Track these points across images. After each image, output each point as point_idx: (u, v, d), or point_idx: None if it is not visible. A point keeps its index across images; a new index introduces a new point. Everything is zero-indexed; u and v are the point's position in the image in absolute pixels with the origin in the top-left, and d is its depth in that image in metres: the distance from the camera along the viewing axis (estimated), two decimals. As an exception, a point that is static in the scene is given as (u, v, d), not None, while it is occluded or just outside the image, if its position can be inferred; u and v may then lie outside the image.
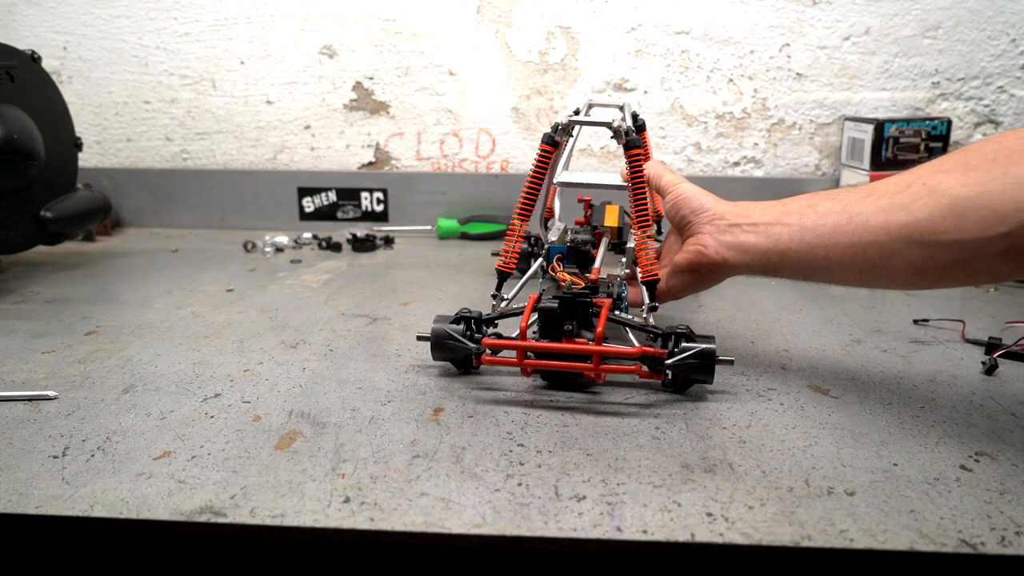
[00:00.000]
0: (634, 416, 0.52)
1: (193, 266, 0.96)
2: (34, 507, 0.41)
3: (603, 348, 0.52)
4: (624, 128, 0.60)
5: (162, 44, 1.14)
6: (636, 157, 0.59)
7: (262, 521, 0.40)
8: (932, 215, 0.47)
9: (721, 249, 0.58)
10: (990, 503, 0.41)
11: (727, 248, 0.58)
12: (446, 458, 0.46)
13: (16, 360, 0.62)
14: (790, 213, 0.56)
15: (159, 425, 0.51)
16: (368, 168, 1.17)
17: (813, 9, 1.05)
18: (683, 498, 0.42)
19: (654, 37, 1.08)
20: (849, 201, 0.52)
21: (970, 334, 0.69)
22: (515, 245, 0.63)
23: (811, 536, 0.39)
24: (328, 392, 0.56)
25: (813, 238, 0.53)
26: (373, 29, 1.11)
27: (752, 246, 0.57)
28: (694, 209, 0.60)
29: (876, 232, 0.50)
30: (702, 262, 0.59)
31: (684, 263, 0.60)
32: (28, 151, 0.84)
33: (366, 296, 0.82)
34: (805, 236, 0.54)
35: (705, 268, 0.59)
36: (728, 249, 0.58)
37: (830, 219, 0.53)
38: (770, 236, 0.56)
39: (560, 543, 0.39)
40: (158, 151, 1.19)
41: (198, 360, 0.63)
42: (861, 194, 0.52)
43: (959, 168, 0.47)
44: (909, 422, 0.52)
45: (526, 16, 1.09)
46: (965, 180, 0.46)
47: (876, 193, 0.51)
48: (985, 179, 0.45)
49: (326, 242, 1.07)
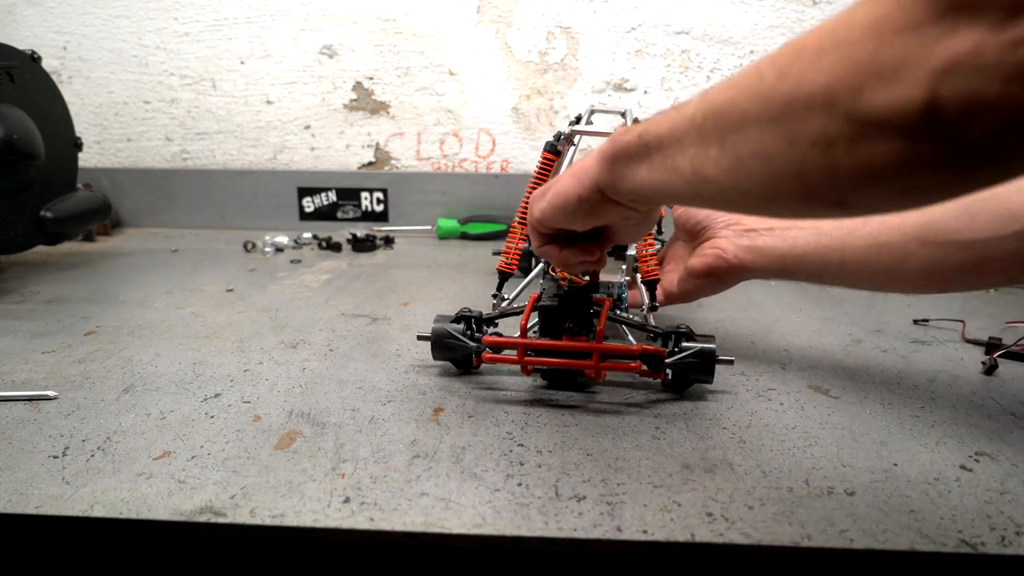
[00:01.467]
0: (634, 416, 0.52)
1: (193, 266, 0.96)
2: (34, 507, 0.41)
3: (603, 346, 0.52)
4: None
5: (162, 44, 1.14)
6: None
7: (262, 521, 0.40)
8: (946, 214, 0.47)
9: (739, 252, 0.59)
10: (990, 503, 0.41)
11: (745, 251, 0.59)
12: (446, 458, 0.46)
13: (16, 360, 0.62)
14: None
15: (159, 425, 0.51)
16: (368, 168, 1.17)
17: (813, 9, 1.05)
18: (683, 498, 0.42)
19: (654, 37, 1.08)
20: None
21: (970, 334, 0.69)
22: (517, 245, 0.64)
23: (811, 536, 0.39)
24: (328, 392, 0.56)
25: (829, 240, 0.54)
26: (373, 29, 1.11)
27: (769, 249, 0.58)
28: (708, 214, 0.62)
29: (891, 233, 0.50)
30: (720, 265, 0.60)
31: (701, 267, 0.61)
32: (28, 151, 0.84)
33: (366, 296, 0.82)
34: (821, 239, 0.55)
35: (723, 271, 0.60)
36: (746, 252, 0.59)
37: (846, 221, 0.53)
38: (786, 239, 0.57)
39: (560, 543, 0.39)
40: (158, 151, 1.19)
41: (198, 360, 0.63)
42: None
43: None
44: (909, 422, 0.52)
45: (526, 16, 1.09)
46: None
47: None
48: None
49: (326, 242, 1.07)
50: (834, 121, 0.26)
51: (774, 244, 0.57)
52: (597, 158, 0.41)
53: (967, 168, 0.25)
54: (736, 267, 0.59)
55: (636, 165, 0.38)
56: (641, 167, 0.38)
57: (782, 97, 0.28)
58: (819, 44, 0.27)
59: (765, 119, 0.29)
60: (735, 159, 0.31)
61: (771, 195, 0.31)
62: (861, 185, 0.27)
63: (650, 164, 0.37)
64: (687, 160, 0.34)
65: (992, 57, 0.22)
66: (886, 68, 0.24)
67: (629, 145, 0.38)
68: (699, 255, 0.62)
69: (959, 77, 0.23)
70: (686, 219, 0.63)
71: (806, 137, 0.27)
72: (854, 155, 0.26)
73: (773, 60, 0.29)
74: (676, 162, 0.35)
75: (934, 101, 0.23)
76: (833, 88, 0.26)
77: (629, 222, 0.45)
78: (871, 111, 0.25)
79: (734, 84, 0.31)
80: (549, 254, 0.49)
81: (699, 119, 0.33)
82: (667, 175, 0.36)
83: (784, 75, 0.28)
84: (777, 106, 0.28)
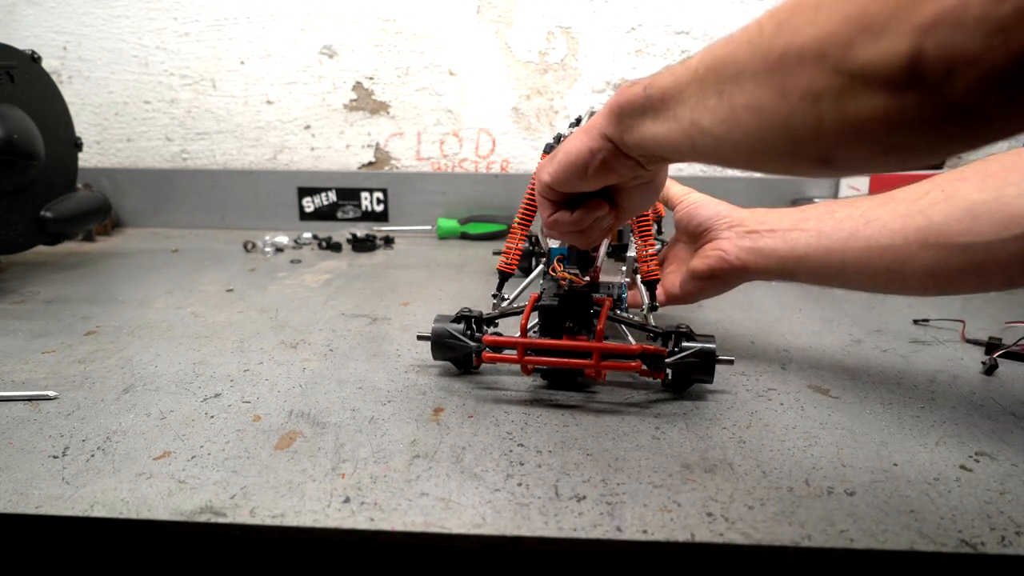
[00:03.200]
0: (634, 416, 0.52)
1: (193, 266, 0.96)
2: (34, 507, 0.41)
3: (604, 345, 0.52)
4: None
5: (162, 44, 1.14)
6: None
7: (262, 521, 0.40)
8: (948, 218, 0.48)
9: (741, 254, 0.59)
10: (990, 503, 0.41)
11: (747, 253, 0.59)
12: (446, 458, 0.46)
13: (16, 360, 0.62)
14: (808, 219, 0.57)
15: (159, 425, 0.51)
16: (368, 168, 1.17)
17: (813, 9, 1.05)
18: (683, 498, 0.42)
19: (654, 37, 1.08)
20: (867, 207, 0.54)
21: (970, 334, 0.69)
22: (517, 245, 0.63)
23: (811, 536, 0.39)
24: (328, 392, 0.56)
25: (830, 242, 0.54)
26: (373, 29, 1.11)
27: (771, 251, 0.58)
28: (710, 216, 0.62)
29: (893, 236, 0.50)
30: (723, 267, 0.60)
31: (704, 269, 0.61)
32: (28, 151, 0.84)
33: (366, 296, 0.82)
34: (822, 241, 0.55)
35: (725, 273, 0.60)
36: (748, 254, 0.59)
37: (847, 224, 0.54)
38: (788, 241, 0.57)
39: (560, 543, 0.39)
40: (158, 151, 1.19)
41: (198, 360, 0.63)
42: (880, 200, 0.53)
43: (978, 175, 0.48)
44: (909, 422, 0.52)
45: (526, 16, 1.09)
46: (983, 186, 0.47)
47: (895, 199, 0.52)
48: (1003, 184, 0.46)
49: (326, 242, 1.07)
50: (823, 74, 0.27)
51: (775, 246, 0.58)
52: (604, 112, 0.41)
53: (950, 125, 0.25)
54: (738, 269, 0.60)
55: (641, 118, 0.39)
56: (646, 120, 0.38)
57: (777, 50, 0.29)
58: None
59: (761, 71, 0.30)
60: (730, 110, 0.32)
61: (759, 148, 0.32)
62: (846, 140, 0.27)
63: (655, 117, 0.38)
64: (687, 111, 0.35)
65: (976, 11, 0.22)
66: (876, 22, 0.25)
67: (635, 98, 0.38)
68: (701, 257, 0.62)
69: (943, 31, 0.23)
70: (688, 220, 0.64)
71: (796, 90, 0.28)
72: (840, 109, 0.27)
73: (773, 14, 0.30)
74: (677, 113, 0.36)
75: (918, 55, 0.24)
76: (824, 41, 0.26)
77: (638, 182, 0.45)
78: (857, 64, 0.25)
79: (735, 38, 0.32)
80: (560, 221, 0.47)
81: (700, 71, 0.34)
82: (668, 126, 0.37)
83: (781, 29, 0.29)
84: (772, 59, 0.29)
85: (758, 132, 0.31)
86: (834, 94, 0.27)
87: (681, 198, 0.65)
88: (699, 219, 0.63)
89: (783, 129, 0.29)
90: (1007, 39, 0.22)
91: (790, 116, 0.29)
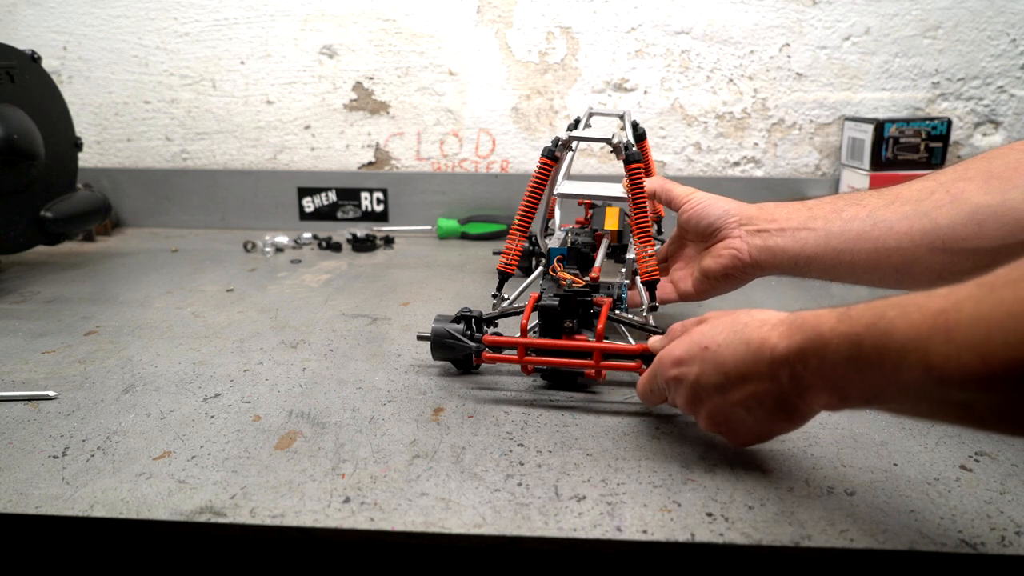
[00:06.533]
0: (634, 416, 0.52)
1: (193, 266, 0.96)
2: (34, 507, 0.41)
3: (604, 345, 0.52)
4: (623, 143, 0.60)
5: (162, 44, 1.14)
6: (636, 171, 0.60)
7: (262, 521, 0.40)
8: (954, 222, 0.48)
9: (753, 252, 0.60)
10: (990, 503, 0.41)
11: (759, 251, 0.59)
12: (446, 458, 0.46)
13: (16, 360, 0.62)
14: (815, 218, 0.57)
15: (159, 425, 0.51)
16: (368, 168, 1.17)
17: (813, 9, 1.05)
18: (683, 498, 0.42)
19: (654, 37, 1.08)
20: (874, 207, 0.54)
21: (970, 334, 0.69)
22: (517, 245, 0.63)
23: (811, 536, 0.39)
24: (328, 392, 0.56)
25: (839, 243, 0.55)
26: (373, 29, 1.11)
27: (781, 250, 0.58)
28: (720, 215, 0.62)
29: (900, 238, 0.51)
30: (737, 266, 0.60)
31: (718, 268, 0.61)
32: (28, 151, 0.84)
33: (366, 296, 0.82)
34: (831, 241, 0.55)
35: (739, 271, 0.61)
36: (760, 252, 0.59)
37: (855, 225, 0.54)
38: (798, 241, 0.57)
39: (560, 543, 0.39)
40: (158, 151, 1.19)
41: (198, 360, 0.63)
42: (886, 200, 0.53)
43: (982, 176, 0.48)
44: (909, 422, 0.52)
45: (526, 16, 1.09)
46: (987, 188, 0.47)
47: (900, 199, 0.52)
48: (1007, 187, 0.46)
49: (326, 242, 1.07)
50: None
51: (785, 245, 0.58)
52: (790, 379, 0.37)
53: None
54: (751, 266, 0.60)
55: (861, 372, 0.32)
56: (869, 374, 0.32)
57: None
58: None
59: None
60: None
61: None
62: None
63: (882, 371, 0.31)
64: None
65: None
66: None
67: (839, 348, 0.33)
68: (714, 256, 0.62)
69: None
70: (697, 221, 0.63)
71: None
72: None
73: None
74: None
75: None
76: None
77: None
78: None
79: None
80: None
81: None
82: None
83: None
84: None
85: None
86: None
87: (686, 198, 0.65)
88: (709, 219, 0.62)
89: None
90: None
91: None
